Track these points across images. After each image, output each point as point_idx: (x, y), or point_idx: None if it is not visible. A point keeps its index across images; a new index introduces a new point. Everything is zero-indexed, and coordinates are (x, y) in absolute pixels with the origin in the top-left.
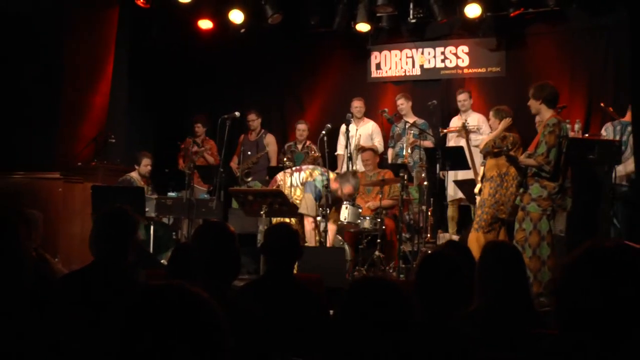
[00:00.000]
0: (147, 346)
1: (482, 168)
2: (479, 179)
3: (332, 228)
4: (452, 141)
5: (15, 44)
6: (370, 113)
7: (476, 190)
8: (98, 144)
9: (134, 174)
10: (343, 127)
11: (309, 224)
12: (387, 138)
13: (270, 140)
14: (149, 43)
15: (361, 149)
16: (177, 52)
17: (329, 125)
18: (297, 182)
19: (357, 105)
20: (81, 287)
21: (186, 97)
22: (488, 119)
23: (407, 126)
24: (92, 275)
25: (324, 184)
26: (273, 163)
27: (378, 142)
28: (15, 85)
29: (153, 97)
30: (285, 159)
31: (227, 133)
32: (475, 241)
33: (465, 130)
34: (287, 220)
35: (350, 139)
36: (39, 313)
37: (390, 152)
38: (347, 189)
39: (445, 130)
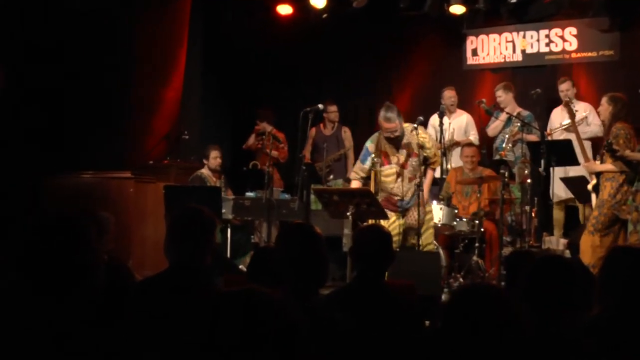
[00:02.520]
0: (226, 352)
1: (596, 163)
2: (593, 174)
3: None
4: (558, 133)
5: (88, 39)
6: (464, 104)
7: (590, 186)
8: (170, 140)
9: (204, 170)
10: (434, 119)
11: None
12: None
13: (347, 135)
14: (223, 32)
15: (455, 144)
16: (254, 41)
17: (420, 118)
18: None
19: (449, 95)
20: (157, 294)
21: (263, 89)
22: (597, 108)
23: (510, 118)
24: (168, 282)
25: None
26: (352, 160)
27: (473, 137)
28: (85, 81)
29: (228, 89)
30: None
31: (309, 127)
32: (590, 245)
33: (573, 120)
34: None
35: (443, 133)
36: (112, 321)
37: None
38: None
39: (552, 131)
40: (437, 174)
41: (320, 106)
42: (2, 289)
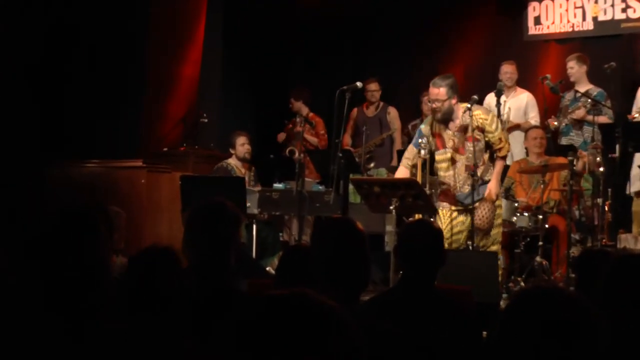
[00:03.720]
0: None
1: None
2: None
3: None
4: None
5: (94, 10)
6: (525, 81)
7: None
8: (187, 125)
9: (231, 161)
10: (490, 98)
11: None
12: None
13: (394, 116)
14: (246, 1)
15: (514, 127)
16: (282, 11)
17: (475, 97)
18: None
19: (507, 70)
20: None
21: (293, 66)
22: None
23: (577, 96)
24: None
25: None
26: (399, 145)
27: (533, 119)
28: (92, 58)
29: (252, 66)
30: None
31: (347, 108)
32: None
33: None
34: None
35: (501, 115)
36: (124, 325)
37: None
38: None
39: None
40: None
41: (359, 84)
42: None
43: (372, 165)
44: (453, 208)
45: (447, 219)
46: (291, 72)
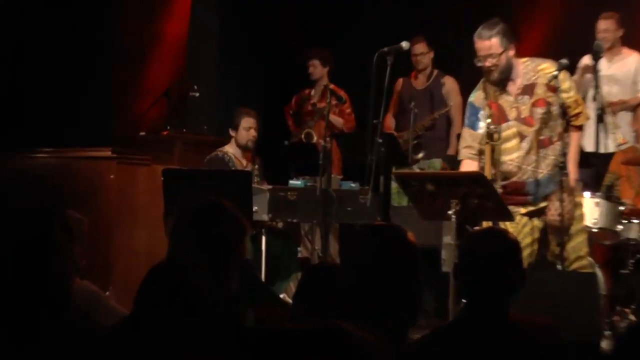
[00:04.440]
0: None
1: None
2: None
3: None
4: None
5: None
6: (633, 40)
7: None
8: (172, 100)
9: (229, 149)
10: (585, 61)
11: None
12: None
13: (451, 87)
14: None
15: (618, 105)
16: None
17: (563, 61)
18: None
19: (605, 27)
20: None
21: (311, 25)
22: None
23: None
24: (173, 319)
25: None
26: (458, 128)
27: None
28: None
29: (257, 24)
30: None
31: (388, 78)
32: None
33: None
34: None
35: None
36: None
37: None
38: None
39: None
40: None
41: (405, 44)
42: None
43: (421, 154)
44: (523, 210)
45: (520, 226)
46: (307, 31)
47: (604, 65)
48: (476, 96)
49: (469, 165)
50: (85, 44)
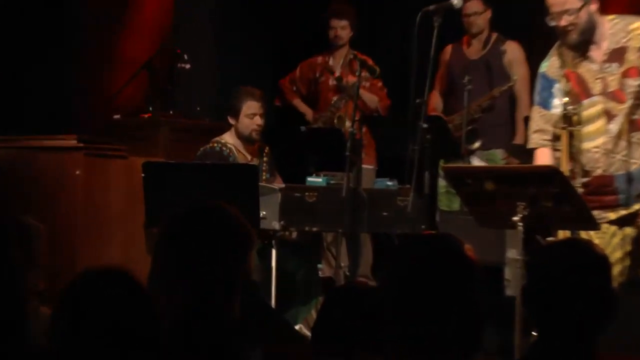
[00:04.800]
0: None
1: None
2: None
3: None
4: None
5: None
6: None
7: None
8: (155, 74)
9: (228, 137)
10: None
11: None
12: None
13: (515, 56)
14: None
15: None
16: None
17: None
18: None
19: None
20: None
21: None
22: None
23: None
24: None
25: None
26: (525, 109)
27: None
28: None
29: None
30: None
31: (434, 45)
32: None
33: None
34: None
35: None
36: None
37: None
38: None
39: None
40: None
41: (456, 1)
42: None
43: (478, 144)
44: (612, 216)
45: (609, 236)
46: None
47: None
48: (549, 65)
49: (543, 155)
50: (44, 5)
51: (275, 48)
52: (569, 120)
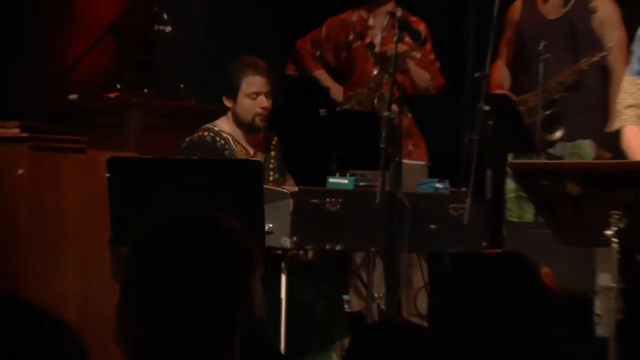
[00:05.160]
0: None
1: None
2: None
3: None
4: None
5: None
6: None
7: None
8: (124, 40)
9: (223, 124)
10: None
11: None
12: None
13: (608, 15)
14: None
15: None
16: None
17: None
18: None
19: None
20: None
21: None
22: None
23: None
24: None
25: None
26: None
27: None
28: None
29: None
30: None
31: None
32: None
33: None
34: None
35: None
36: None
37: None
38: None
39: None
40: None
41: None
42: None
43: (559, 133)
44: None
45: None
46: None
47: None
48: None
49: (637, 136)
50: None
51: (286, 3)
52: None
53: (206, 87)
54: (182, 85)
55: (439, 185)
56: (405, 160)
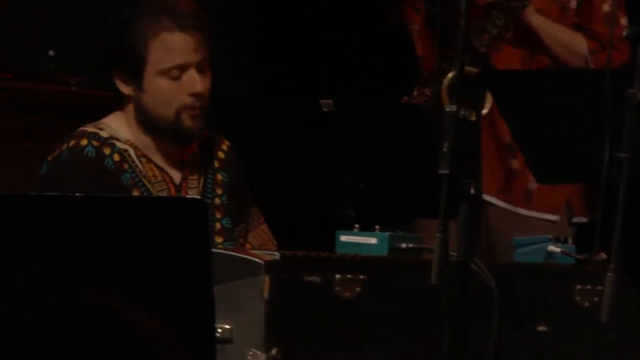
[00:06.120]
0: None
1: None
2: None
3: None
4: None
5: None
6: None
7: None
8: None
9: (119, 126)
10: None
11: None
12: None
13: None
14: None
15: None
16: None
17: None
18: None
19: None
20: None
21: None
22: None
23: None
24: None
25: None
26: None
27: None
28: None
29: None
30: None
31: None
32: None
33: None
34: None
35: None
36: None
37: None
38: None
39: None
40: None
41: None
42: None
43: None
44: None
45: None
46: None
47: None
48: None
49: None
50: None
51: None
52: None
53: (91, 59)
54: (51, 53)
55: (553, 248)
56: (490, 198)
